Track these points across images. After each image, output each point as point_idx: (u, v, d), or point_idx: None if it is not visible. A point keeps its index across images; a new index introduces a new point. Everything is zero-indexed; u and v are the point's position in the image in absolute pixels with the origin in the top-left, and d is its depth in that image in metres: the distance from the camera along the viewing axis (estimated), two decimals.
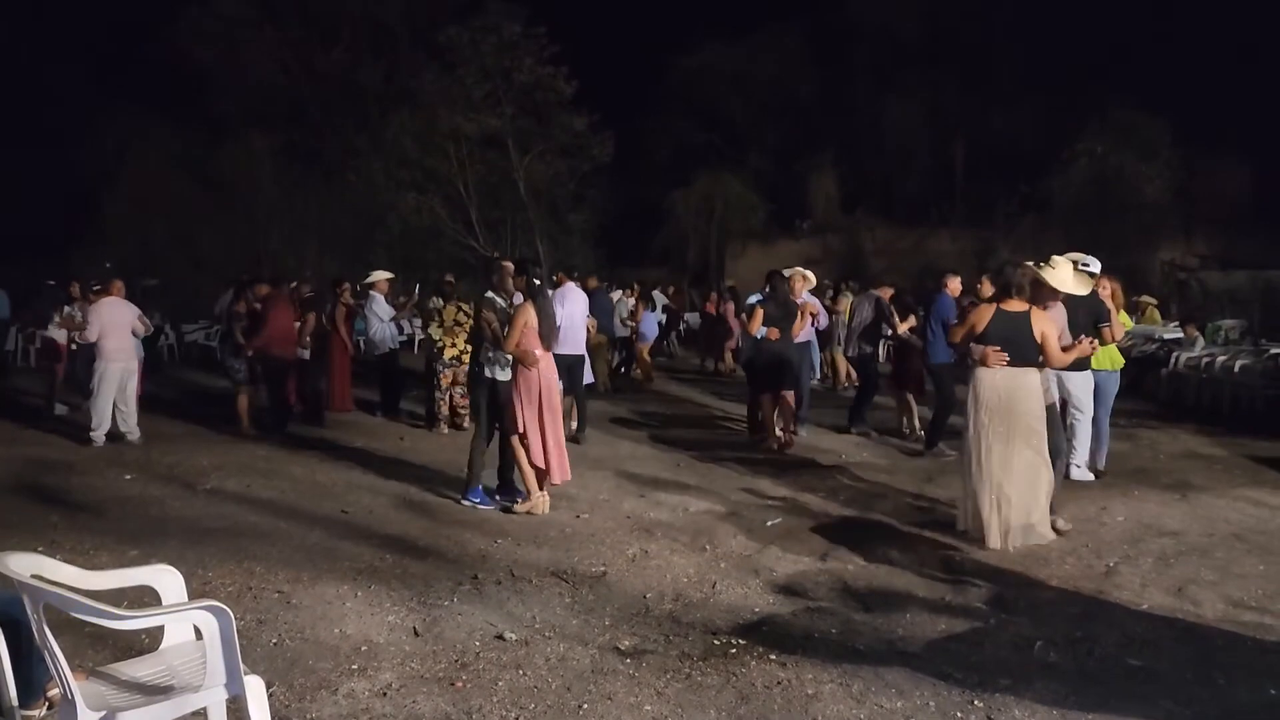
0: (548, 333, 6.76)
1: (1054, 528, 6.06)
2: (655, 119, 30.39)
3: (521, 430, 6.67)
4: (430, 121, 24.44)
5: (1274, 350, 12.29)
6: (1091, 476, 7.73)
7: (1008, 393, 5.83)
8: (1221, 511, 6.83)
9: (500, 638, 4.38)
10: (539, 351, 6.65)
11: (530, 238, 25.91)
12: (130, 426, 9.57)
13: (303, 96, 27.69)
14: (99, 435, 9.35)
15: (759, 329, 9.43)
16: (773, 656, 4.17)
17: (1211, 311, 19.28)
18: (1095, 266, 6.95)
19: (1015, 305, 5.95)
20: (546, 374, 6.75)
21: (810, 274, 10.43)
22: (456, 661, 4.12)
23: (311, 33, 27.55)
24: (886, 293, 10.82)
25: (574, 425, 9.81)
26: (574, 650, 4.25)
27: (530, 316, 6.61)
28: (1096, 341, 6.32)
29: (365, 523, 6.48)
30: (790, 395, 9.46)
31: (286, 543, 5.96)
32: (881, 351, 13.09)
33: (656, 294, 19.56)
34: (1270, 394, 11.65)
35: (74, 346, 11.26)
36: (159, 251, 25.38)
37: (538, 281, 6.91)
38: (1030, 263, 6.31)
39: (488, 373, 7.01)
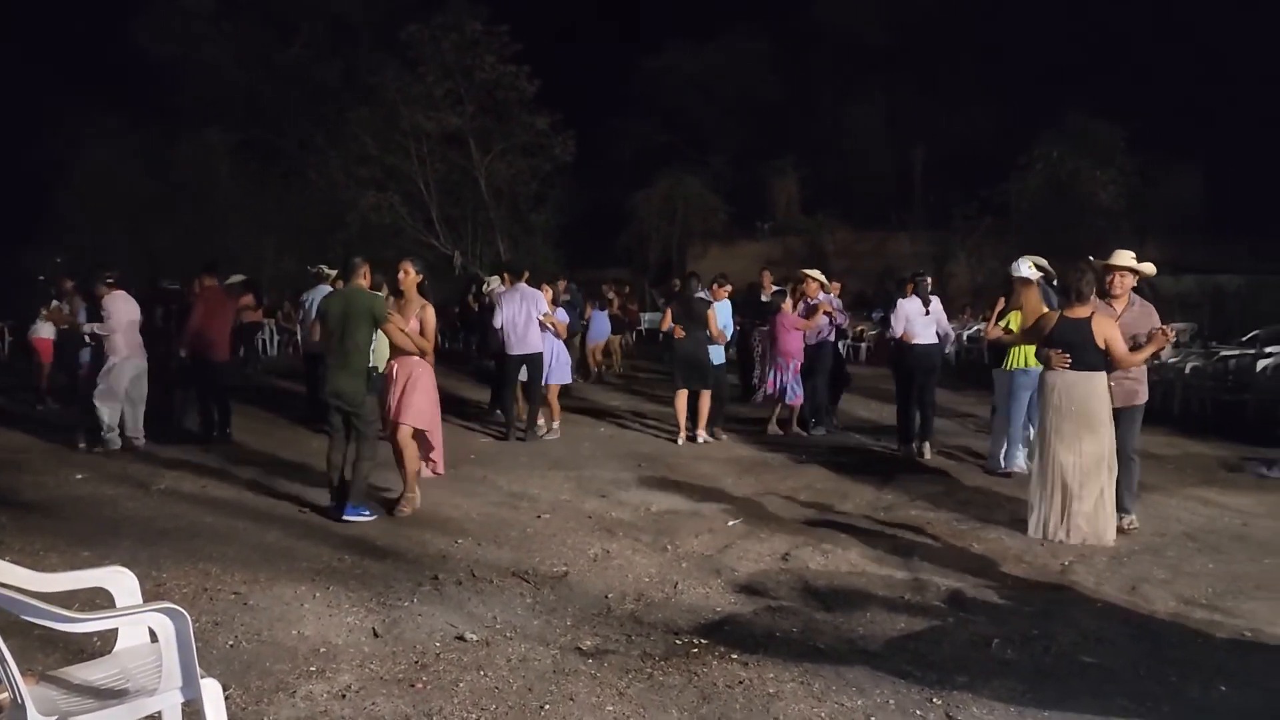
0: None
1: (1122, 528, 6.21)
2: (618, 120, 30.42)
3: (427, 426, 6.82)
4: (390, 119, 24.28)
5: (1223, 353, 12.59)
6: (1007, 468, 8.14)
7: (1068, 394, 6.05)
8: (1173, 511, 6.96)
9: (461, 638, 4.35)
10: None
11: (491, 237, 25.83)
12: (138, 429, 9.13)
13: (261, 93, 27.34)
14: (113, 437, 8.90)
15: (667, 327, 9.70)
16: (734, 656, 4.18)
17: (1163, 315, 19.65)
18: (1022, 268, 7.59)
19: (1078, 311, 6.13)
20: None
21: (821, 276, 10.56)
22: (416, 663, 4.09)
23: (270, 28, 27.21)
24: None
25: (526, 423, 9.82)
26: (535, 650, 4.23)
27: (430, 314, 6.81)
28: (1171, 331, 6.33)
29: (323, 523, 6.40)
30: (706, 395, 9.56)
31: (243, 543, 5.88)
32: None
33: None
34: (1220, 395, 11.92)
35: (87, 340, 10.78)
36: (112, 249, 24.92)
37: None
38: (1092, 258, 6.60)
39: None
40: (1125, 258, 6.50)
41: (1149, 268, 6.61)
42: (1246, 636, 4.51)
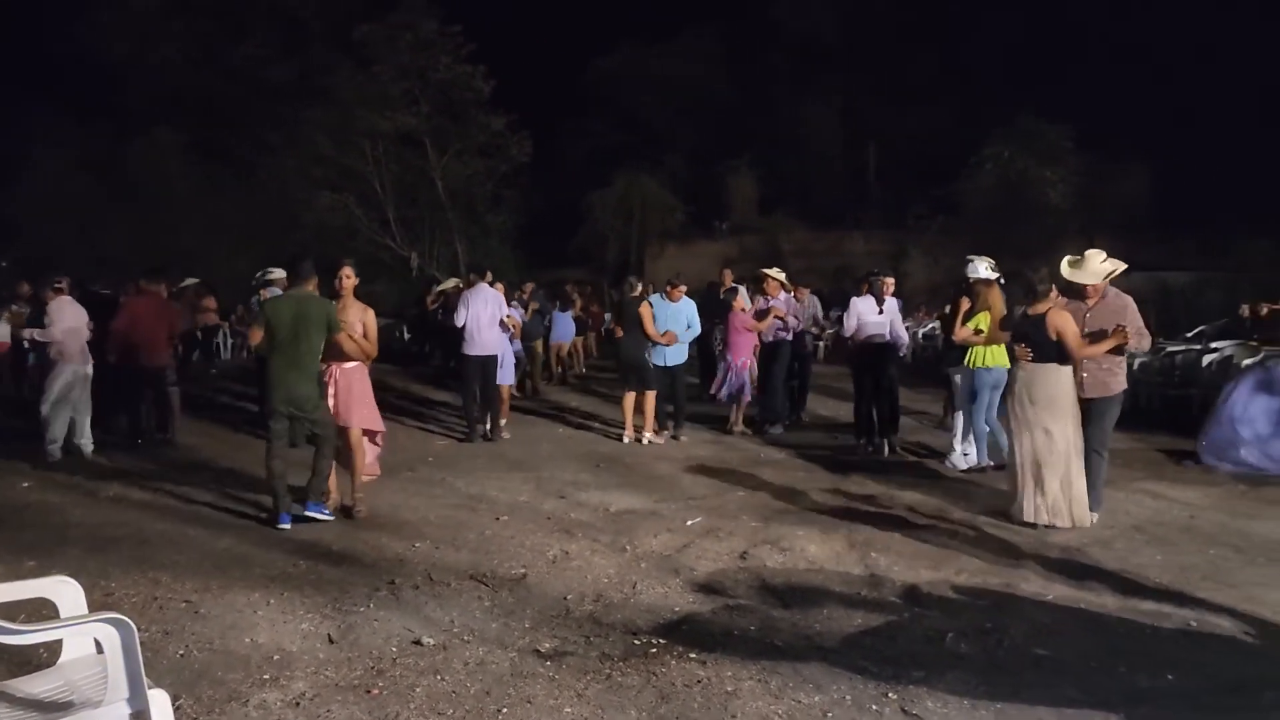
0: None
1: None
2: (574, 120, 30.35)
3: (378, 428, 6.95)
4: (345, 119, 24.02)
5: (1170, 349, 12.85)
6: (964, 465, 8.33)
7: (1030, 386, 6.45)
8: (1122, 504, 7.09)
9: (418, 643, 4.32)
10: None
11: (448, 238, 25.66)
12: (85, 436, 8.84)
13: (213, 92, 26.89)
14: (55, 449, 8.59)
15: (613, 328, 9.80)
16: (693, 655, 4.19)
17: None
18: (981, 269, 7.99)
19: (1037, 307, 6.58)
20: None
21: (781, 275, 10.58)
22: (373, 668, 4.05)
23: (221, 27, 26.76)
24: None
25: (487, 426, 9.82)
26: (493, 654, 4.21)
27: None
28: (1127, 329, 6.57)
29: (278, 529, 6.32)
30: (650, 395, 9.60)
31: (195, 550, 5.78)
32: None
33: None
34: (1167, 391, 12.17)
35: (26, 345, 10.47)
36: (62, 252, 24.36)
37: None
38: (1067, 259, 6.90)
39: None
40: (1095, 259, 6.75)
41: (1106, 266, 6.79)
42: (1193, 627, 4.61)
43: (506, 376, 10.30)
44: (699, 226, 30.39)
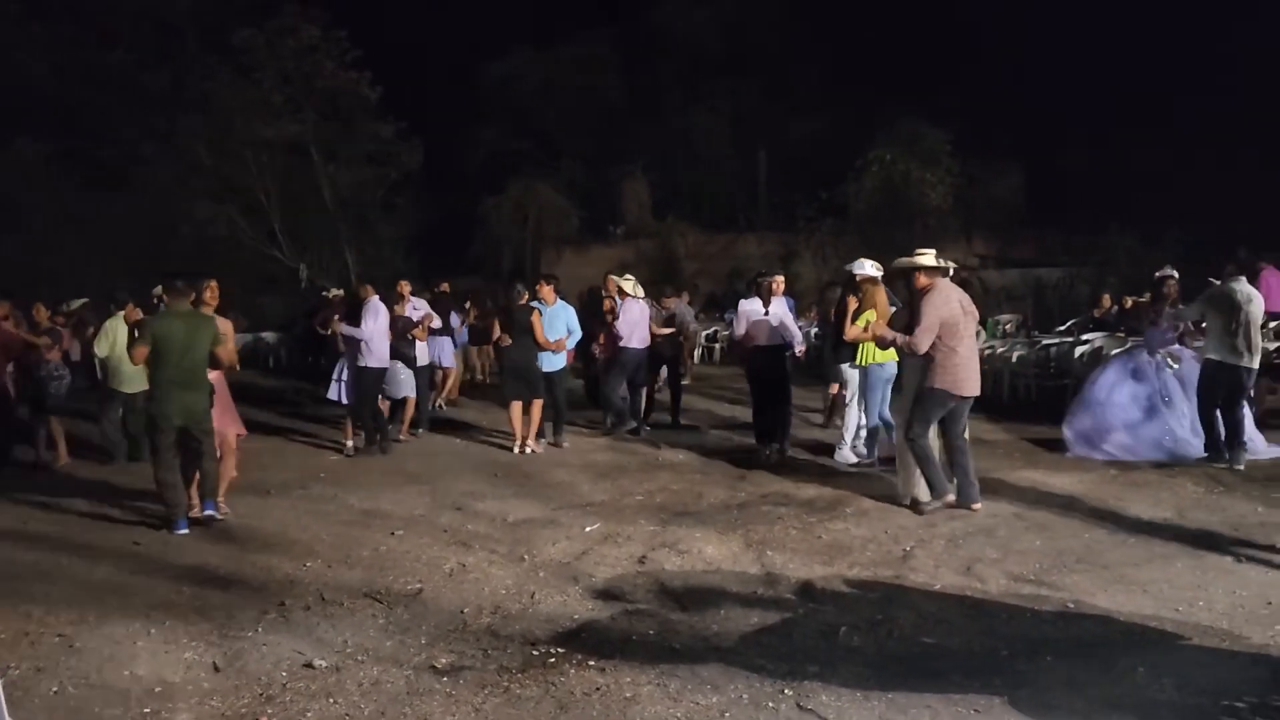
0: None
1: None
2: (466, 126, 30.00)
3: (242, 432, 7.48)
4: (224, 127, 23.26)
5: (1045, 341, 13.42)
6: (854, 459, 8.58)
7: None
8: (1004, 492, 7.36)
9: (309, 665, 4.20)
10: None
11: (338, 248, 25.09)
12: None
13: (80, 101, 25.64)
14: None
15: (496, 337, 9.74)
16: (591, 663, 4.19)
17: (991, 307, 20.86)
18: (867, 267, 8.38)
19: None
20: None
21: (622, 281, 10.60)
22: (261, 695, 3.92)
23: (87, 31, 25.56)
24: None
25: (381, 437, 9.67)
26: (388, 672, 4.13)
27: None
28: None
29: (160, 554, 6.07)
30: (537, 404, 9.61)
31: (69, 581, 5.51)
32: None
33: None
34: (1043, 381, 12.71)
35: None
36: None
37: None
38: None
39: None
40: (928, 257, 7.06)
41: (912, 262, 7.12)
42: (1070, 608, 4.83)
43: (409, 389, 10.22)
44: (594, 232, 30.40)
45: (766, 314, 9.09)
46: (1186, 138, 21.44)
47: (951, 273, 7.09)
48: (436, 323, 11.49)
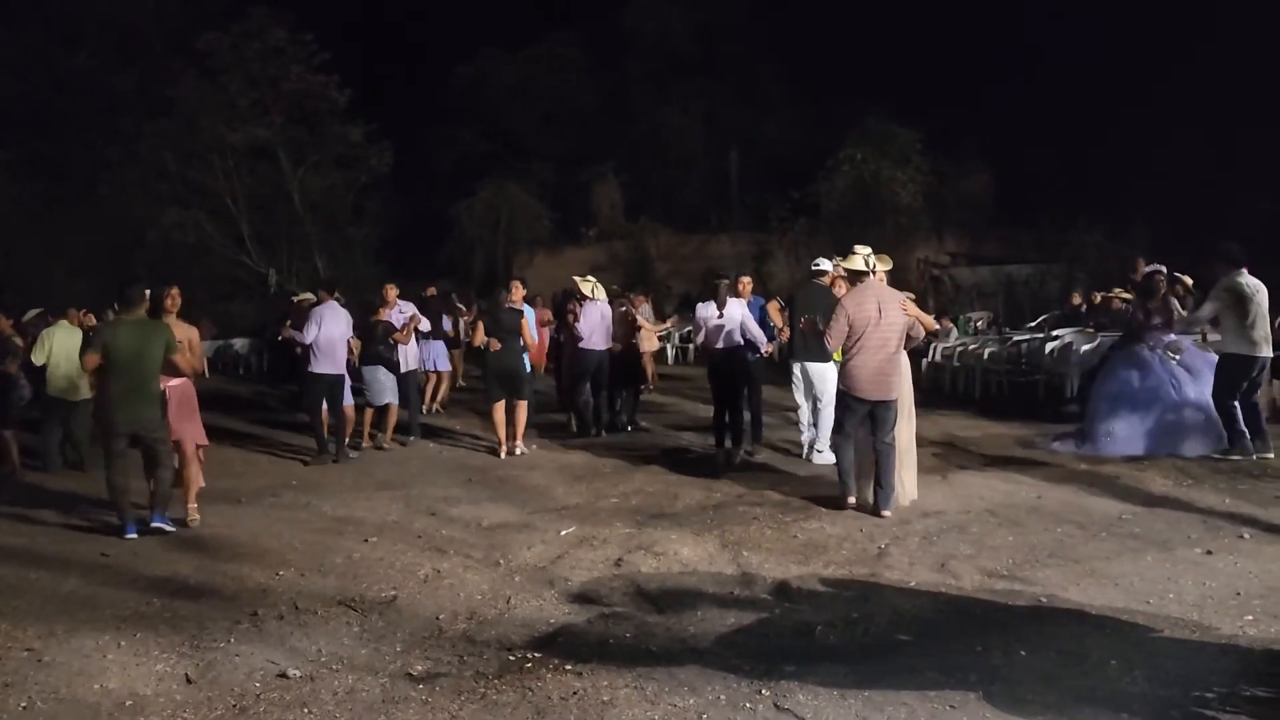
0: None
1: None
2: (436, 129, 29.85)
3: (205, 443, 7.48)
4: (191, 131, 23.03)
5: (1016, 338, 13.56)
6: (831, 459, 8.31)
7: None
8: (977, 489, 7.42)
9: (283, 676, 4.16)
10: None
11: (307, 252, 24.91)
12: None
13: (44, 105, 25.30)
14: None
15: (480, 340, 9.53)
16: (568, 667, 4.17)
17: (962, 305, 21.05)
18: (827, 265, 8.53)
19: None
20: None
21: (582, 283, 10.62)
22: (235, 706, 3.88)
23: (51, 35, 25.22)
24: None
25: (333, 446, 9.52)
26: (363, 681, 4.09)
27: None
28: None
29: (130, 565, 5.98)
30: (523, 405, 9.59)
31: (37, 594, 5.42)
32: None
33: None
34: (1014, 378, 12.83)
35: None
36: None
37: None
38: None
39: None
40: (856, 259, 7.12)
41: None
42: (1043, 602, 4.87)
43: (390, 394, 10.13)
44: (566, 234, 30.36)
45: (721, 317, 8.95)
46: (1148, 135, 21.71)
47: (878, 274, 7.07)
48: (426, 326, 11.42)
